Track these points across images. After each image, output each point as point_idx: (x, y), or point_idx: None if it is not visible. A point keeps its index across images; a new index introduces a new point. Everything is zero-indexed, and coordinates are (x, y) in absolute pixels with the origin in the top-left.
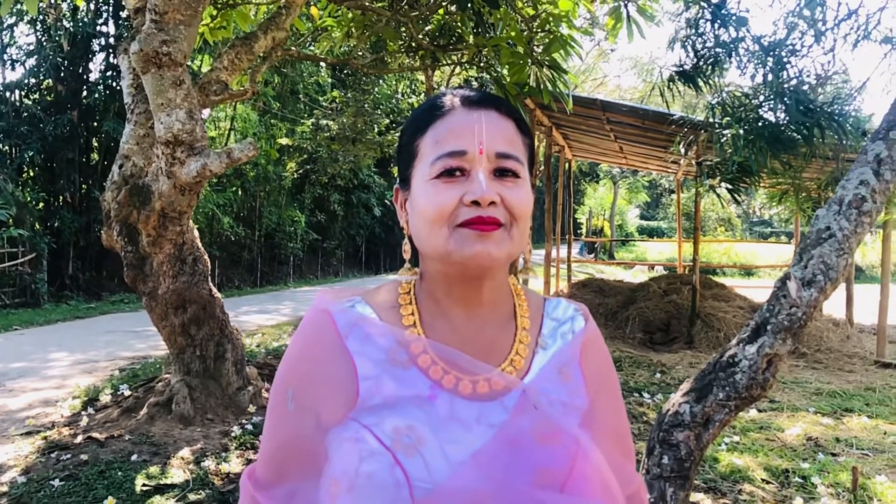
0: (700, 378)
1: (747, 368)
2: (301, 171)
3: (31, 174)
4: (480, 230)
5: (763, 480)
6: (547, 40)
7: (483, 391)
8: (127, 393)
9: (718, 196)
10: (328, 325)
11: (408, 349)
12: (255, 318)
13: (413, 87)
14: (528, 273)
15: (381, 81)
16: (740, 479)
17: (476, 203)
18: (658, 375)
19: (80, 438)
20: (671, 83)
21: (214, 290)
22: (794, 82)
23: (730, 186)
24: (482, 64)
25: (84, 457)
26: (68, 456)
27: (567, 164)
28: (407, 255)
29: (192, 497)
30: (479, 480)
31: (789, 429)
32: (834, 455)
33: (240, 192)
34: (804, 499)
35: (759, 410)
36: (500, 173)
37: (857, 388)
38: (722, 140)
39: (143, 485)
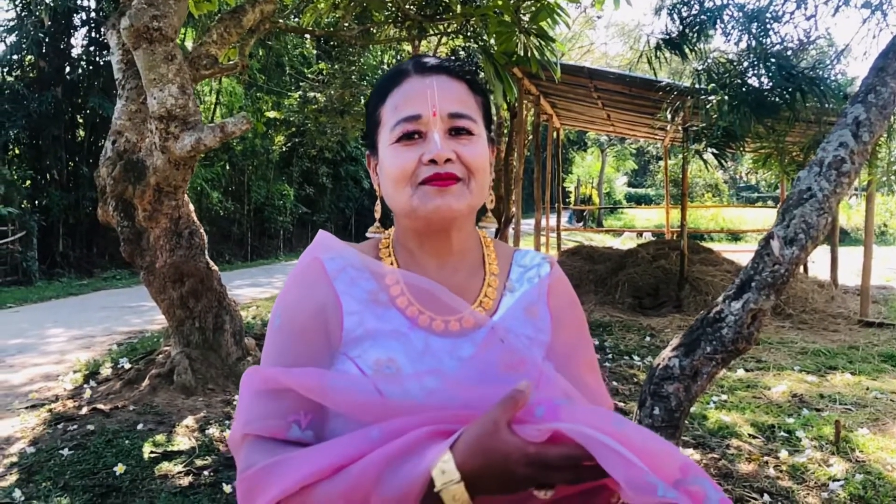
0: (689, 333)
1: (733, 323)
2: (289, 145)
3: (17, 152)
4: (440, 186)
5: (750, 435)
6: (534, 9)
7: (454, 329)
8: (127, 366)
9: (704, 161)
10: (318, 268)
11: (388, 292)
12: (248, 291)
13: (399, 57)
14: (488, 222)
15: (366, 53)
16: (728, 435)
17: (433, 161)
18: (648, 339)
19: (85, 410)
20: (658, 51)
21: (211, 262)
22: (777, 48)
23: (715, 151)
24: (469, 33)
25: (91, 427)
26: (75, 426)
27: (555, 133)
28: (378, 215)
29: (198, 462)
30: (449, 401)
31: (775, 387)
32: (818, 410)
33: (227, 167)
34: (789, 451)
35: (746, 370)
36: (456, 132)
37: (841, 347)
38: (707, 106)
39: (151, 452)
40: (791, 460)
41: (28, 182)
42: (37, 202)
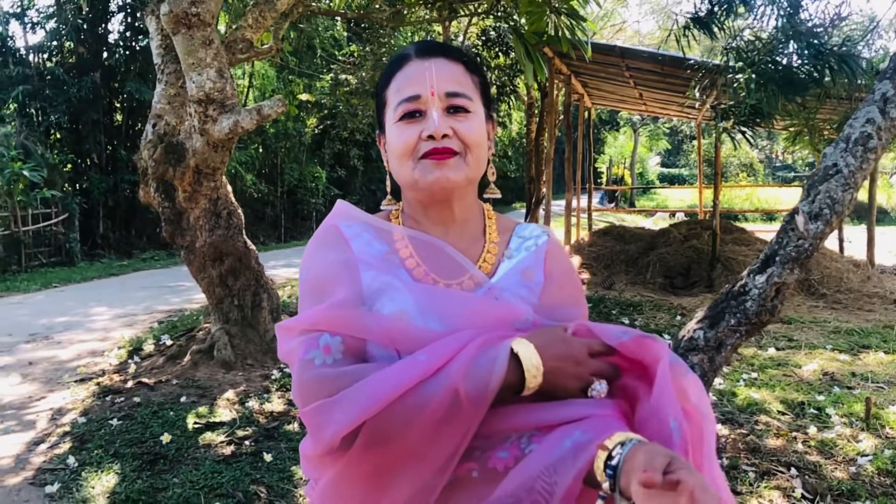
0: (713, 306)
1: (757, 296)
2: (320, 127)
3: (59, 136)
4: (438, 159)
5: (779, 412)
6: None
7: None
8: (169, 342)
9: (733, 139)
10: (336, 232)
11: (398, 254)
12: (283, 271)
13: (430, 38)
14: (491, 193)
15: (397, 34)
16: (757, 411)
17: (432, 137)
18: (678, 318)
19: (130, 383)
20: (687, 30)
21: (249, 242)
22: (808, 25)
23: (743, 129)
24: (500, 14)
25: (137, 399)
26: (122, 399)
27: (587, 113)
28: (389, 189)
29: (240, 433)
30: (468, 327)
31: (806, 365)
32: (849, 388)
33: (261, 150)
34: (818, 427)
35: (778, 349)
36: (453, 110)
37: (876, 326)
38: (735, 84)
39: (195, 423)
40: (820, 436)
41: (69, 166)
42: (77, 185)
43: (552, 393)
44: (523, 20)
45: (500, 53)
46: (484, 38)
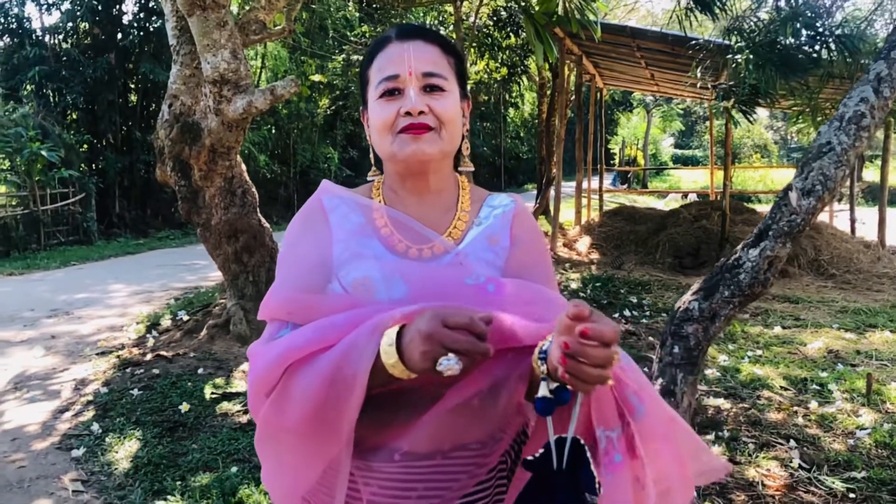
0: (708, 279)
1: (750, 269)
2: (333, 108)
3: (75, 117)
4: (414, 134)
5: (781, 387)
6: None
7: (427, 256)
8: (186, 317)
9: (733, 118)
10: (318, 205)
11: (374, 224)
12: None
13: (441, 18)
14: (465, 166)
15: (408, 14)
16: (760, 387)
17: (409, 113)
18: None
19: (149, 356)
20: (689, 11)
21: (263, 220)
22: (808, 5)
23: (744, 108)
24: None
25: (156, 371)
26: (141, 371)
27: (598, 94)
28: (373, 161)
29: None
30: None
31: (811, 343)
32: (853, 366)
33: (274, 131)
34: (819, 402)
35: (784, 327)
36: (429, 88)
37: (884, 306)
38: (734, 65)
39: (212, 393)
40: (820, 410)
41: (85, 146)
42: (94, 165)
43: (418, 371)
44: (534, 1)
45: (510, 34)
46: (495, 18)
